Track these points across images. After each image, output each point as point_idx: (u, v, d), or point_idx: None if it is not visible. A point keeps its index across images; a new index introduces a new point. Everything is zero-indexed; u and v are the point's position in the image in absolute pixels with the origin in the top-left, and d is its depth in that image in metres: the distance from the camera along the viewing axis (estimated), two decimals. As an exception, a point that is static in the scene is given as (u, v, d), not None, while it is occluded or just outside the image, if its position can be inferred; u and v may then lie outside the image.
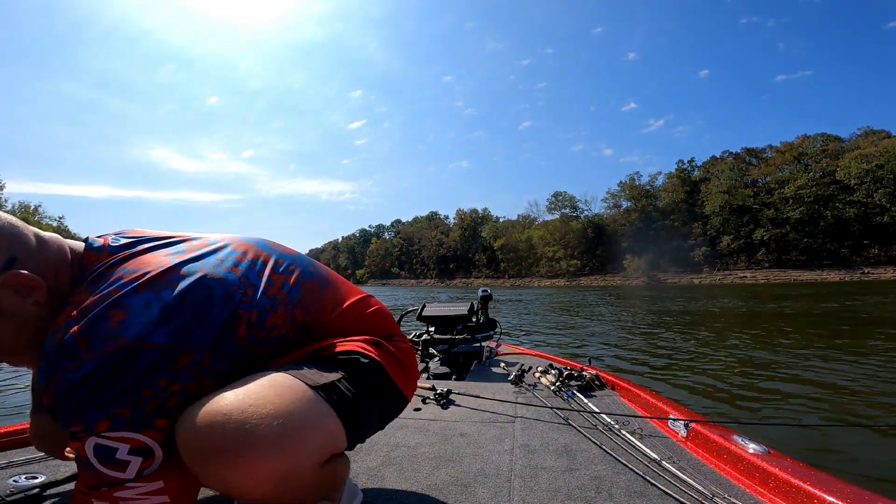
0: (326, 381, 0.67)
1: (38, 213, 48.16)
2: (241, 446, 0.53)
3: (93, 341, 0.53)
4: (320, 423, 0.63)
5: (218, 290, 0.62)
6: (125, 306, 0.56)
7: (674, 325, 7.96)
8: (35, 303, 0.57)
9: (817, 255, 42.96)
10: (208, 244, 0.69)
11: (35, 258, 0.58)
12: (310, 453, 0.61)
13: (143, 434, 0.55)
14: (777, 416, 2.78)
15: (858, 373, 3.72)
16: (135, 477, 0.54)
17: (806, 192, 44.20)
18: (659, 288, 35.15)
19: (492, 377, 2.01)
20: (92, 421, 0.53)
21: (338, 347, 0.74)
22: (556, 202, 65.19)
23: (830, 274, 39.87)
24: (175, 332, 0.57)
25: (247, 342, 0.65)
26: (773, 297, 16.45)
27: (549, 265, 60.43)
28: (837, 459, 2.05)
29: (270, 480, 0.55)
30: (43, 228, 11.98)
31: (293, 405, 0.60)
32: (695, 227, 51.70)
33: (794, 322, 7.94)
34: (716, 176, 52.35)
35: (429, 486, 0.97)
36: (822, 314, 9.25)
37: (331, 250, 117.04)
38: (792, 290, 21.12)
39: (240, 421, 0.54)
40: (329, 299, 0.78)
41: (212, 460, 0.53)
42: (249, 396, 0.57)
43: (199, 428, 0.54)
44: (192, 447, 0.54)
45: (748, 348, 5.20)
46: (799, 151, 48.31)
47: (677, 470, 1.00)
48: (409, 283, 78.51)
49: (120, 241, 0.65)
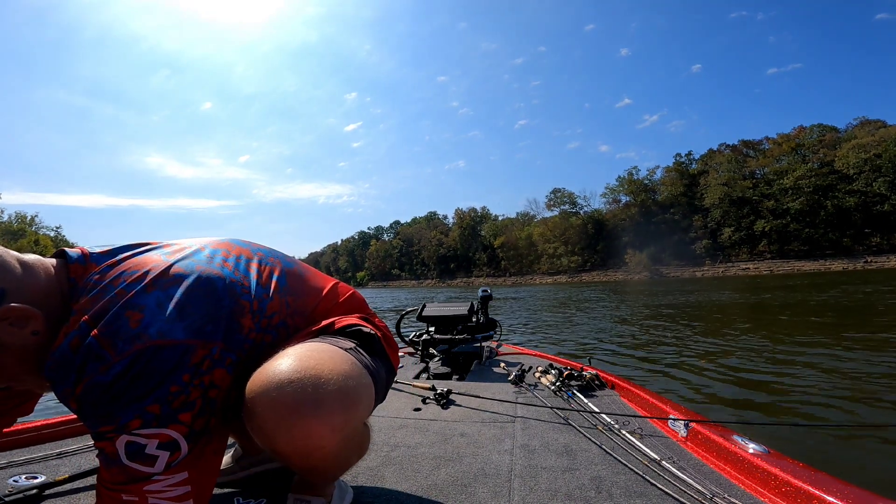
0: (350, 347, 0.72)
1: (34, 223, 48.15)
2: (320, 399, 0.58)
3: (118, 342, 0.54)
4: (367, 381, 0.68)
5: (220, 284, 0.65)
6: (140, 306, 0.57)
7: (674, 320, 7.95)
8: (33, 332, 0.57)
9: (819, 245, 42.94)
10: (188, 246, 0.70)
11: (25, 287, 0.57)
12: (364, 407, 0.67)
13: (170, 428, 0.56)
14: (777, 416, 2.76)
15: (861, 371, 3.70)
16: (163, 470, 0.56)
17: (805, 182, 44.18)
18: (661, 282, 35.12)
19: (492, 377, 2.01)
20: (124, 420, 0.54)
21: (338, 324, 0.78)
22: (555, 199, 65.24)
23: (833, 263, 39.87)
24: (191, 327, 0.59)
25: (253, 331, 0.68)
26: (775, 287, 16.43)
27: (551, 262, 60.43)
28: (838, 459, 2.03)
29: (341, 431, 0.61)
30: (40, 238, 12.03)
31: (345, 364, 0.65)
32: (695, 220, 51.68)
33: (797, 315, 7.93)
34: (714, 168, 52.33)
35: (429, 486, 0.97)
36: (824, 305, 9.23)
37: (330, 253, 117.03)
38: (796, 281, 21.09)
39: (314, 377, 0.59)
40: (311, 285, 0.82)
41: (298, 414, 0.57)
42: (309, 359, 0.62)
43: (282, 387, 0.57)
44: (279, 405, 0.57)
45: (749, 346, 5.18)
46: (796, 142, 48.27)
47: (677, 470, 1.00)
48: (409, 284, 78.48)
49: (97, 250, 0.65)
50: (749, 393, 3.26)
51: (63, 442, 1.24)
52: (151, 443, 0.55)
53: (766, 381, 3.54)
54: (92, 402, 0.54)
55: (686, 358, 4.60)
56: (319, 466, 0.69)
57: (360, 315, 0.85)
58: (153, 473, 0.56)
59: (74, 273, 0.62)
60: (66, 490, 0.95)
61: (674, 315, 8.72)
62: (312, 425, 0.58)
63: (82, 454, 1.16)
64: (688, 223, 52.46)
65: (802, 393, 3.18)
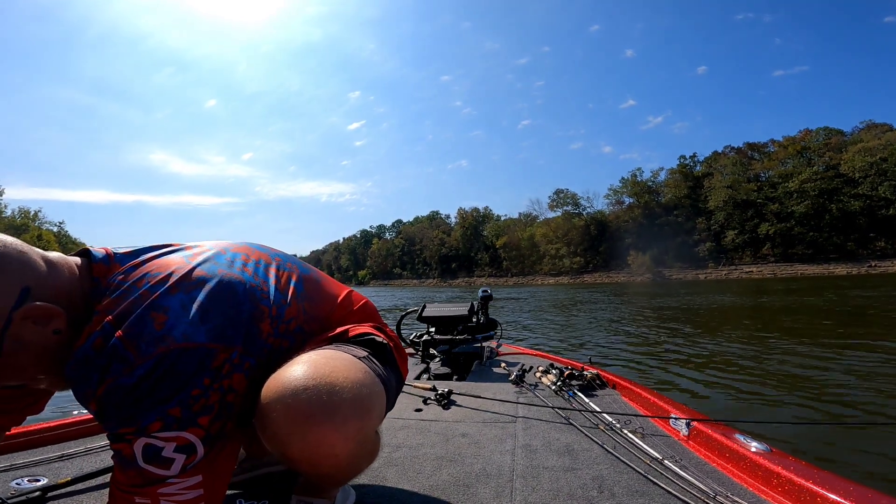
0: (363, 356, 0.72)
1: (38, 219, 48.18)
2: (335, 407, 0.59)
3: (141, 344, 0.54)
4: (380, 390, 0.69)
5: (240, 289, 0.65)
6: (164, 307, 0.57)
7: (676, 322, 7.92)
8: (55, 331, 0.57)
9: (823, 249, 42.67)
10: (209, 249, 0.70)
11: (49, 285, 0.56)
12: (377, 416, 0.68)
13: (189, 432, 0.56)
14: (779, 414, 2.76)
15: (863, 369, 3.68)
16: (178, 473, 0.56)
17: (810, 185, 43.91)
18: (664, 284, 35.02)
19: (493, 377, 2.01)
20: (145, 423, 0.54)
21: (352, 332, 0.78)
22: (558, 199, 65.07)
23: (838, 267, 39.60)
24: (213, 331, 0.59)
25: (271, 336, 0.68)
26: (778, 291, 16.35)
27: (553, 263, 60.33)
28: (840, 458, 2.03)
29: (354, 438, 0.61)
30: (43, 234, 12.05)
31: (359, 373, 0.65)
32: (699, 223, 51.46)
33: (799, 317, 7.89)
34: (718, 171, 52.07)
35: (430, 486, 0.97)
36: (827, 308, 9.18)
37: (332, 252, 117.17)
38: (800, 284, 20.99)
39: (329, 385, 0.60)
40: (327, 292, 0.83)
41: (312, 421, 0.58)
42: (324, 366, 0.62)
43: (297, 394, 0.58)
44: (294, 412, 0.58)
45: (749, 345, 5.17)
46: (802, 145, 47.99)
47: (679, 469, 0.99)
48: (411, 283, 78.35)
49: (122, 251, 0.65)
50: (751, 391, 3.25)
51: (65, 444, 1.24)
52: (169, 446, 0.55)
53: (768, 380, 3.53)
54: (114, 403, 0.54)
55: (687, 357, 4.60)
56: (330, 472, 0.70)
57: (373, 324, 0.85)
58: (168, 476, 0.55)
59: (98, 272, 0.61)
60: (69, 492, 0.95)
61: (675, 316, 8.70)
62: (326, 432, 0.58)
63: (84, 456, 1.16)
64: (691, 225, 52.25)
65: (805, 391, 3.18)
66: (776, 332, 6.16)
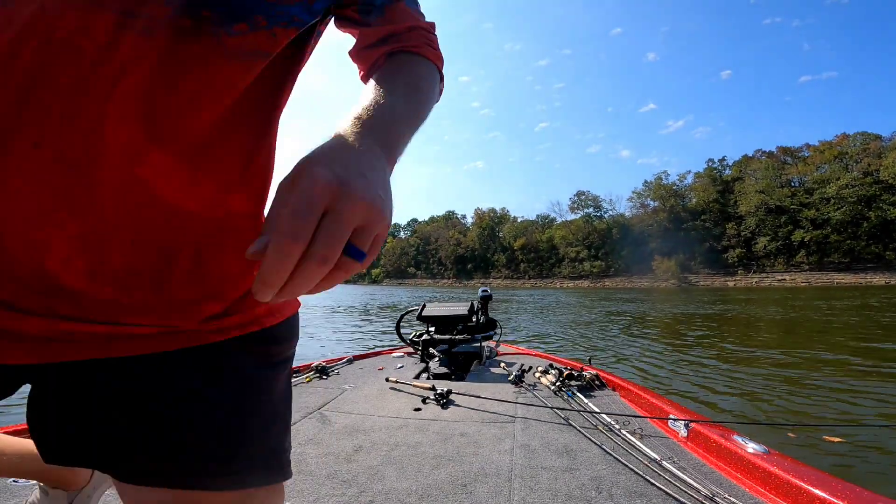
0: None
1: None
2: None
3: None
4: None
5: None
6: None
7: (698, 327, 7.71)
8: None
9: (860, 258, 40.68)
10: None
11: None
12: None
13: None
14: (777, 416, 2.73)
15: (861, 373, 3.64)
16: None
17: (848, 192, 41.94)
18: (691, 290, 34.02)
19: (492, 377, 2.01)
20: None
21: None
22: (578, 202, 64.21)
23: (875, 277, 37.73)
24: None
25: None
26: (844, 298, 15.67)
27: (572, 266, 59.43)
28: (837, 459, 2.02)
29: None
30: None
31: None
32: (728, 228, 49.83)
33: (808, 324, 7.62)
34: (750, 175, 50.34)
35: (429, 485, 0.98)
36: (859, 318, 8.76)
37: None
38: (835, 294, 20.09)
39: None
40: None
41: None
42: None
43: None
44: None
45: (749, 346, 5.12)
46: (839, 150, 45.89)
47: (677, 470, 0.98)
48: (425, 282, 77.87)
49: None
50: (749, 393, 3.23)
51: None
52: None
53: (767, 382, 3.50)
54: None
55: (688, 358, 4.57)
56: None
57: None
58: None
59: None
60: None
61: (694, 321, 8.46)
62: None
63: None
64: (720, 231, 50.65)
65: (802, 394, 3.15)
66: (780, 339, 5.96)
